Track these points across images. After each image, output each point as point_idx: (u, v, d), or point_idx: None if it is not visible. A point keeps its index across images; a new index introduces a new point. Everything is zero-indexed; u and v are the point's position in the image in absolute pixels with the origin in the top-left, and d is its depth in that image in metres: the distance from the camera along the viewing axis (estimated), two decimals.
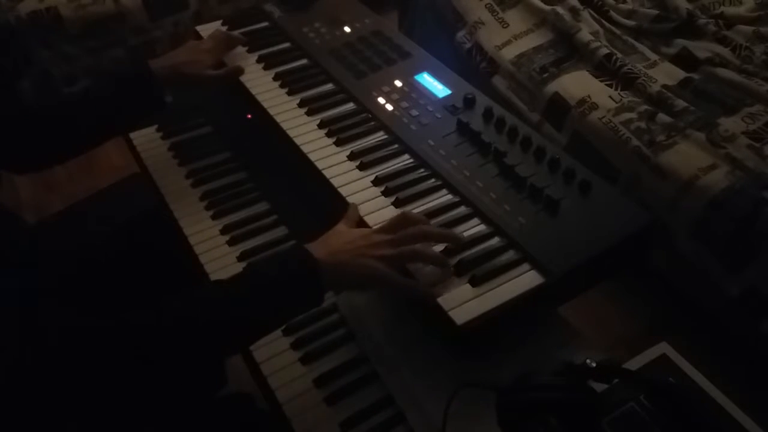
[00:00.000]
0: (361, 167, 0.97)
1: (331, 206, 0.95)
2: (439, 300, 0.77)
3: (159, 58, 1.08)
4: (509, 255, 0.82)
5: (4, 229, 0.94)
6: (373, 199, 0.92)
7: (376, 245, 0.80)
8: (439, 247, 0.83)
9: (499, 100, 1.73)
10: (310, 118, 1.07)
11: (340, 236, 0.82)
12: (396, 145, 1.00)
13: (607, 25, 1.84)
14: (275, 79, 1.16)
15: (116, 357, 0.68)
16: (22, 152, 1.00)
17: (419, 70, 1.12)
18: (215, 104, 1.30)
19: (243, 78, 1.17)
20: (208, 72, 1.12)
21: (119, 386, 0.69)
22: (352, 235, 0.82)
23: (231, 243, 1.03)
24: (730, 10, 1.86)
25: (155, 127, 1.26)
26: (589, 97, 1.62)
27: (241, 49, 1.23)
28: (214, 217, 1.08)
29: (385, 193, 0.93)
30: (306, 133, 1.04)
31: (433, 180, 0.94)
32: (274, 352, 0.88)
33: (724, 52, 1.72)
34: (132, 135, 1.23)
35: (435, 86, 1.08)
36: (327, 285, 0.78)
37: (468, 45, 1.89)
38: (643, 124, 1.53)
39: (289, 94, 1.13)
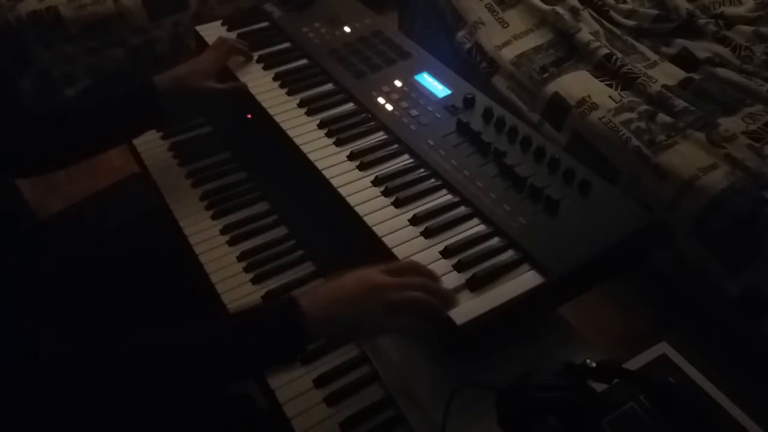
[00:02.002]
0: (361, 167, 0.97)
1: (331, 206, 0.95)
2: None
3: (162, 74, 1.08)
4: (509, 255, 0.82)
5: (5, 229, 0.93)
6: (372, 199, 0.92)
7: (379, 289, 0.74)
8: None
9: (499, 100, 1.73)
10: (310, 118, 1.07)
11: (334, 282, 0.75)
12: (396, 145, 1.00)
13: (607, 25, 1.84)
14: (275, 79, 1.16)
15: (94, 385, 0.67)
16: (22, 157, 1.00)
17: (419, 70, 1.12)
18: (215, 104, 1.30)
19: (243, 78, 1.17)
20: (210, 84, 1.12)
21: (100, 412, 0.67)
22: (349, 280, 0.75)
23: (231, 243, 1.03)
24: (730, 10, 1.86)
25: None
26: (589, 97, 1.62)
27: None
28: (214, 217, 1.08)
29: (385, 193, 0.93)
30: (306, 133, 1.04)
31: (432, 180, 0.94)
32: None
33: (724, 52, 1.71)
34: None
35: (435, 86, 1.08)
36: (314, 338, 0.73)
37: (468, 45, 1.89)
38: (643, 124, 1.53)
39: (289, 94, 1.13)
